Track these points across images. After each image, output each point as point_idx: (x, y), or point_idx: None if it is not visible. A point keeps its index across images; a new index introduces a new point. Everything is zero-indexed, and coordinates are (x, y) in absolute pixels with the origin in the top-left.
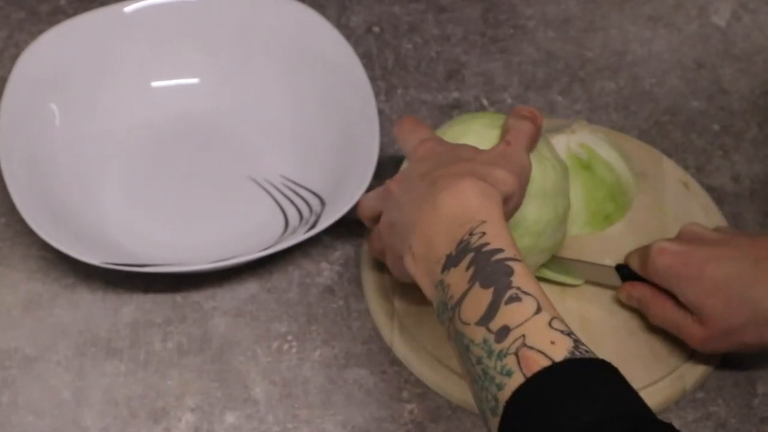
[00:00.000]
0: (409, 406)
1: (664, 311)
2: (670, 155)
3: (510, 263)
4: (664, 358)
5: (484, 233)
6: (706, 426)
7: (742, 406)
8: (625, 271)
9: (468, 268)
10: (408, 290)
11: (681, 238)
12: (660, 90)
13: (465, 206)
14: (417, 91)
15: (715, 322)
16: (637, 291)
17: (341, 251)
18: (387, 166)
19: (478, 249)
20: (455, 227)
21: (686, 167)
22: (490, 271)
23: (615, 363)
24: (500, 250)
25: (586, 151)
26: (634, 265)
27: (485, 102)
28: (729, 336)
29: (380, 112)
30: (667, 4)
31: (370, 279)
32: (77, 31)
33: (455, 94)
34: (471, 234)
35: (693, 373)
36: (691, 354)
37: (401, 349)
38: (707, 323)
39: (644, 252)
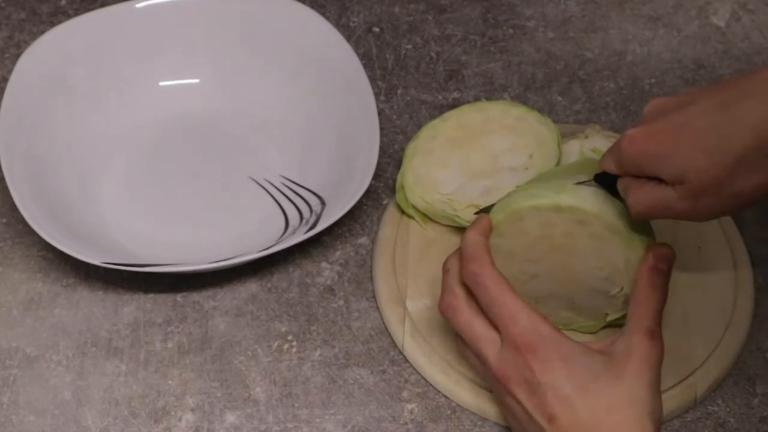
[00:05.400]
0: (409, 406)
1: (646, 193)
2: None
3: None
4: (675, 366)
5: None
6: (705, 426)
7: (741, 405)
8: (604, 179)
9: None
10: (420, 295)
11: (645, 119)
12: (659, 90)
13: None
14: (417, 91)
15: (703, 182)
16: (620, 184)
17: (341, 251)
18: (387, 166)
19: None
20: None
21: None
22: None
23: None
24: None
25: (598, 156)
26: (610, 166)
27: None
28: (720, 191)
29: (380, 112)
30: (666, 5)
31: (381, 283)
32: (78, 31)
33: (455, 95)
34: None
35: (704, 381)
36: (702, 361)
37: (413, 353)
38: (695, 188)
39: (615, 149)
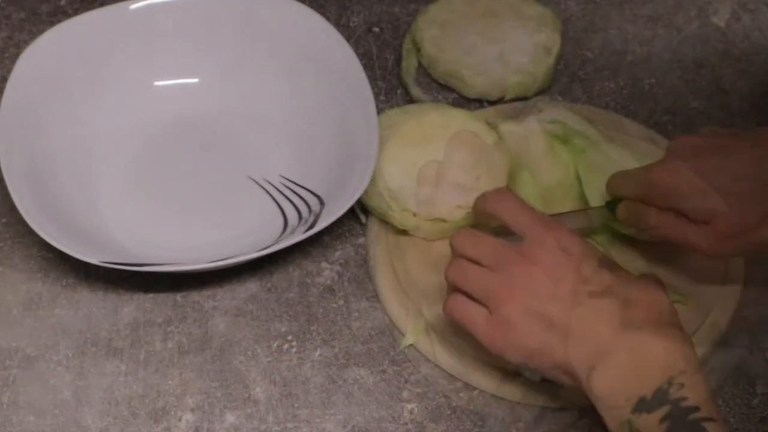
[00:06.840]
0: (409, 406)
1: (666, 220)
2: None
3: (706, 424)
4: None
5: (682, 385)
6: None
7: (741, 406)
8: (613, 206)
9: (662, 420)
10: (423, 294)
11: (673, 155)
12: (660, 90)
13: (668, 349)
14: (417, 91)
15: (730, 228)
16: (636, 207)
17: (341, 251)
18: None
19: (676, 403)
20: (654, 369)
21: None
22: (684, 431)
23: None
24: (697, 408)
25: (560, 127)
26: (627, 191)
27: (485, 102)
28: (745, 238)
29: (380, 112)
30: (666, 4)
31: (384, 276)
32: (77, 31)
33: (455, 94)
34: (670, 383)
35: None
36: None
37: (415, 351)
38: (720, 232)
39: (638, 177)
